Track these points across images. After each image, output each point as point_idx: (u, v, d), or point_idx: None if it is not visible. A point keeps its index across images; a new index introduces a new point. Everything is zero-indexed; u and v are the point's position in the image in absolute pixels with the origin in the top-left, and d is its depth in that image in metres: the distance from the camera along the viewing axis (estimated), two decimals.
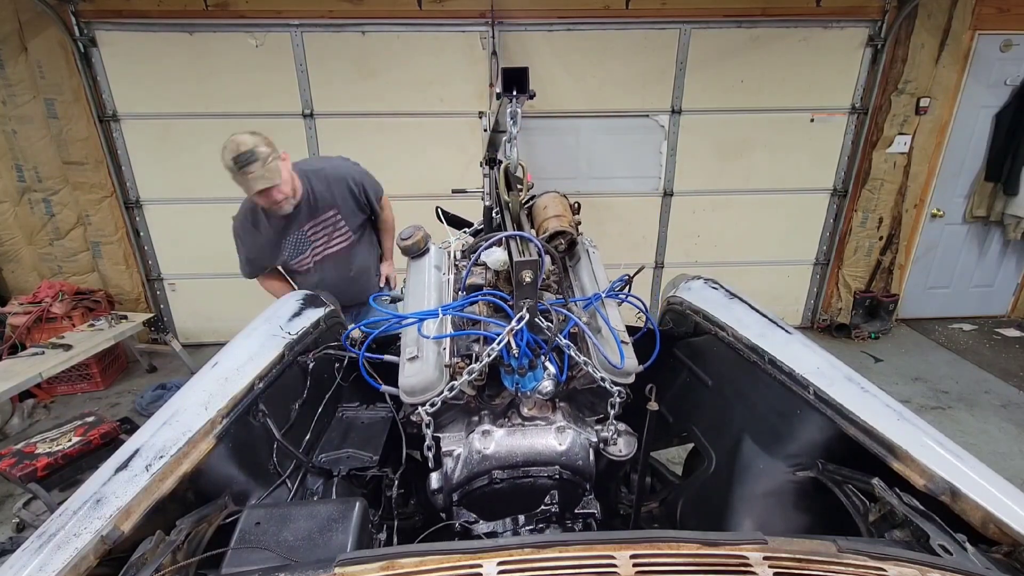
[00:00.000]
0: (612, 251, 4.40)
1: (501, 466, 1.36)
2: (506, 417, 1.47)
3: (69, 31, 3.72)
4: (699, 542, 0.77)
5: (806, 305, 5.10)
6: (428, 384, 1.33)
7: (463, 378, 1.33)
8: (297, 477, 1.44)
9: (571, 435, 1.40)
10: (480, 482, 1.37)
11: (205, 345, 4.70)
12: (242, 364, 1.43)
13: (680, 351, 1.87)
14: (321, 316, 1.79)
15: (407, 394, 1.35)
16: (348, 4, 3.83)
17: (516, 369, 1.34)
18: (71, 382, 3.99)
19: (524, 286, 1.26)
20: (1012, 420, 3.60)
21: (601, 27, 4.02)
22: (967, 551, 0.88)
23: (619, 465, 1.53)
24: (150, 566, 0.91)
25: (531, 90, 1.44)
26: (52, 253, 4.34)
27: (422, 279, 1.66)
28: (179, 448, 1.12)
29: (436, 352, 1.39)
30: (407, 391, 1.34)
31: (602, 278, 1.69)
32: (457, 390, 1.33)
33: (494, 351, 1.31)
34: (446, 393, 1.32)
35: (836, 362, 1.40)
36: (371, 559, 0.76)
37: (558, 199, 1.78)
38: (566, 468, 1.39)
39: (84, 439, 2.35)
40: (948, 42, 4.12)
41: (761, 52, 4.13)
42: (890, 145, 4.38)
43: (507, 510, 1.42)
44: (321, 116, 4.14)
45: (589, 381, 1.46)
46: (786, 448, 1.35)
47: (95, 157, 4.07)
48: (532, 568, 0.73)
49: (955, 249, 4.92)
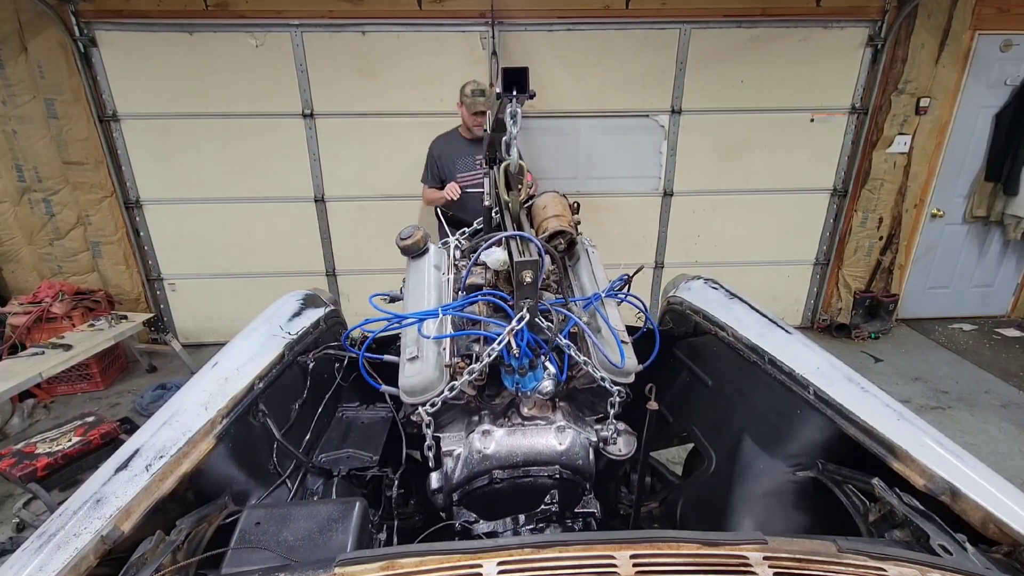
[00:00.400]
0: (612, 251, 4.41)
1: (501, 466, 1.36)
2: (506, 417, 1.47)
3: (69, 31, 3.72)
4: (699, 542, 0.77)
5: (806, 305, 5.10)
6: (428, 384, 1.33)
7: (463, 378, 1.33)
8: (297, 477, 1.44)
9: (571, 435, 1.41)
10: (480, 482, 1.37)
11: (205, 345, 4.70)
12: (242, 364, 1.43)
13: (680, 351, 1.87)
14: (321, 316, 1.80)
15: (407, 394, 1.34)
16: (348, 4, 3.83)
17: (516, 369, 1.35)
18: (71, 382, 3.98)
19: (524, 286, 1.26)
20: (1012, 420, 3.60)
21: (601, 27, 4.02)
22: (967, 551, 0.88)
23: (619, 464, 1.53)
24: (150, 566, 0.91)
25: (531, 90, 1.43)
26: (52, 253, 4.34)
27: (422, 279, 1.65)
28: (179, 448, 1.12)
29: (436, 352, 1.39)
30: (407, 391, 1.34)
31: (602, 278, 1.68)
32: (457, 390, 1.33)
33: (494, 351, 1.31)
34: (446, 393, 1.32)
35: (836, 362, 1.40)
36: (371, 559, 0.76)
37: (557, 199, 1.78)
38: (566, 468, 1.39)
39: (84, 439, 2.35)
40: (948, 42, 4.12)
41: (761, 52, 4.13)
42: (890, 145, 4.37)
43: (507, 510, 1.42)
44: (321, 116, 4.14)
45: (589, 381, 1.46)
46: (786, 448, 1.36)
47: (95, 157, 4.07)
48: (532, 568, 0.73)
49: (955, 249, 4.91)
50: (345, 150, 4.26)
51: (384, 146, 4.24)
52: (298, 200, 4.37)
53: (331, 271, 4.64)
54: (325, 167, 4.29)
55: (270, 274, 4.55)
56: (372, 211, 4.44)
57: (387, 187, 4.36)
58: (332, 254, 4.59)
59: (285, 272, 4.55)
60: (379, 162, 4.30)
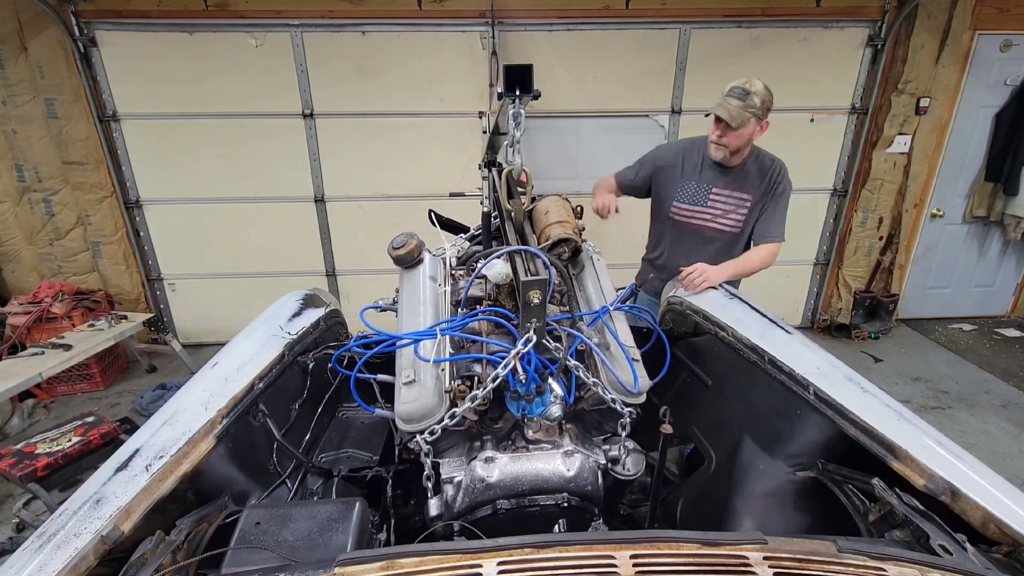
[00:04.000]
0: (612, 252, 4.38)
1: (506, 495, 1.26)
2: (509, 440, 1.37)
3: (69, 31, 3.72)
4: (699, 542, 0.77)
5: (806, 305, 5.10)
6: (427, 411, 1.24)
7: (465, 404, 1.22)
8: (297, 477, 1.44)
9: (579, 459, 1.31)
10: (483, 512, 1.27)
11: (205, 345, 4.70)
12: (242, 364, 1.43)
13: (680, 351, 1.86)
14: (321, 316, 1.79)
15: (404, 421, 1.25)
16: (348, 4, 3.83)
17: (523, 395, 1.25)
18: (71, 382, 3.98)
19: (532, 307, 1.16)
20: (1012, 420, 3.59)
21: (601, 27, 4.02)
22: (967, 551, 0.88)
23: (626, 484, 1.45)
24: (150, 566, 0.91)
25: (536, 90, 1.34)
26: (52, 253, 4.34)
27: (416, 292, 1.55)
28: (179, 448, 1.12)
29: (435, 376, 1.30)
30: (404, 418, 1.24)
31: (608, 288, 1.62)
32: (459, 417, 1.23)
33: (499, 377, 1.21)
34: (447, 421, 1.22)
35: (836, 362, 1.40)
36: (371, 559, 0.76)
37: (560, 203, 1.66)
38: (574, 494, 1.29)
39: (84, 439, 2.35)
40: (948, 42, 4.11)
41: (761, 52, 4.13)
42: (890, 145, 4.37)
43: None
44: (321, 116, 4.14)
45: (598, 401, 1.37)
46: (786, 448, 1.35)
47: (95, 157, 4.07)
48: (532, 568, 0.73)
49: (955, 249, 4.91)
50: (345, 150, 4.26)
51: (384, 146, 4.24)
52: (298, 200, 4.37)
53: (331, 271, 4.64)
54: (325, 167, 4.29)
55: (270, 274, 4.55)
56: (372, 211, 4.44)
57: (387, 187, 4.36)
58: (332, 254, 4.59)
59: (285, 272, 4.55)
60: (379, 162, 4.29)
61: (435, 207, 2.24)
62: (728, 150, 2.18)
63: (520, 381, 1.23)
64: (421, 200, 3.98)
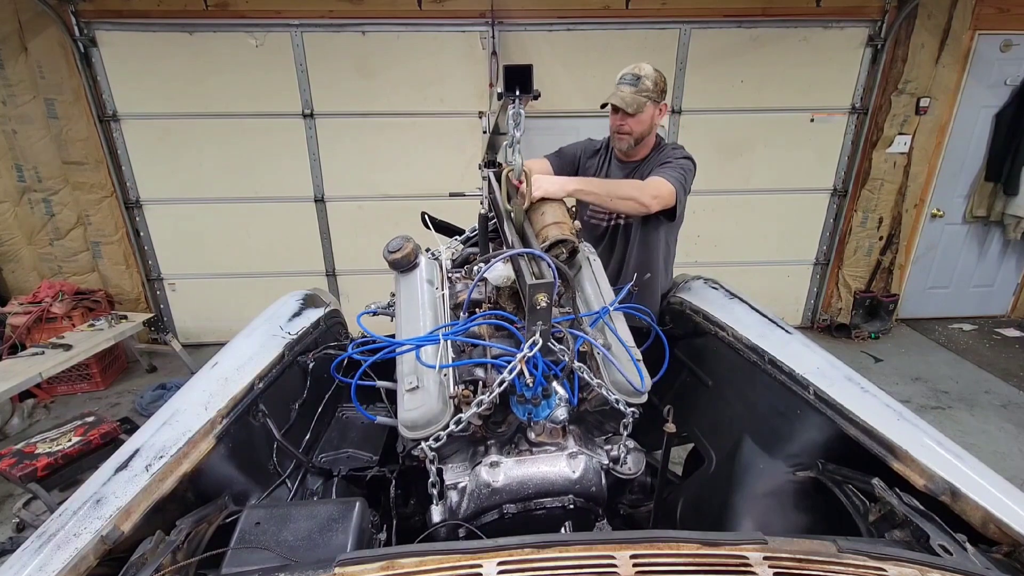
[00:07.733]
0: None
1: (512, 499, 1.26)
2: (512, 443, 1.37)
3: (69, 31, 3.72)
4: (699, 542, 0.77)
5: (806, 305, 5.10)
6: (431, 418, 1.22)
7: (471, 410, 1.21)
8: (297, 477, 1.44)
9: (583, 460, 1.31)
10: (489, 517, 1.26)
11: (205, 345, 4.70)
12: (242, 364, 1.43)
13: (680, 351, 1.86)
14: (321, 316, 1.80)
15: (408, 429, 1.22)
16: (348, 4, 3.83)
17: (530, 399, 1.24)
18: (71, 382, 3.98)
19: (538, 310, 1.15)
20: (1012, 420, 3.59)
21: (601, 27, 4.02)
22: (967, 551, 0.88)
23: (626, 483, 1.46)
24: (150, 566, 0.91)
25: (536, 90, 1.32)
26: (52, 253, 4.34)
27: (414, 297, 1.52)
28: (179, 448, 1.12)
29: (438, 381, 1.28)
30: (408, 425, 1.22)
31: (606, 288, 1.62)
32: (464, 423, 1.22)
33: (505, 381, 1.20)
34: (452, 427, 1.21)
35: (836, 362, 1.40)
36: (371, 559, 0.76)
37: (557, 204, 1.65)
38: (580, 496, 1.29)
39: (84, 439, 2.34)
40: (948, 42, 4.11)
41: (761, 52, 4.13)
42: (890, 145, 4.37)
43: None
44: (321, 116, 4.13)
45: (600, 402, 1.37)
46: (786, 448, 1.36)
47: (95, 157, 4.07)
48: (532, 568, 0.73)
49: (955, 249, 4.91)
50: (345, 150, 4.26)
51: (384, 146, 4.24)
52: (298, 200, 4.37)
53: (331, 271, 4.64)
54: (325, 167, 4.29)
55: (270, 274, 4.55)
56: (372, 211, 4.44)
57: (387, 187, 4.36)
58: (332, 254, 4.59)
59: (285, 272, 4.55)
60: (379, 162, 4.29)
61: (435, 207, 2.22)
62: (632, 138, 2.09)
63: (527, 385, 1.22)
64: (421, 200, 3.97)
